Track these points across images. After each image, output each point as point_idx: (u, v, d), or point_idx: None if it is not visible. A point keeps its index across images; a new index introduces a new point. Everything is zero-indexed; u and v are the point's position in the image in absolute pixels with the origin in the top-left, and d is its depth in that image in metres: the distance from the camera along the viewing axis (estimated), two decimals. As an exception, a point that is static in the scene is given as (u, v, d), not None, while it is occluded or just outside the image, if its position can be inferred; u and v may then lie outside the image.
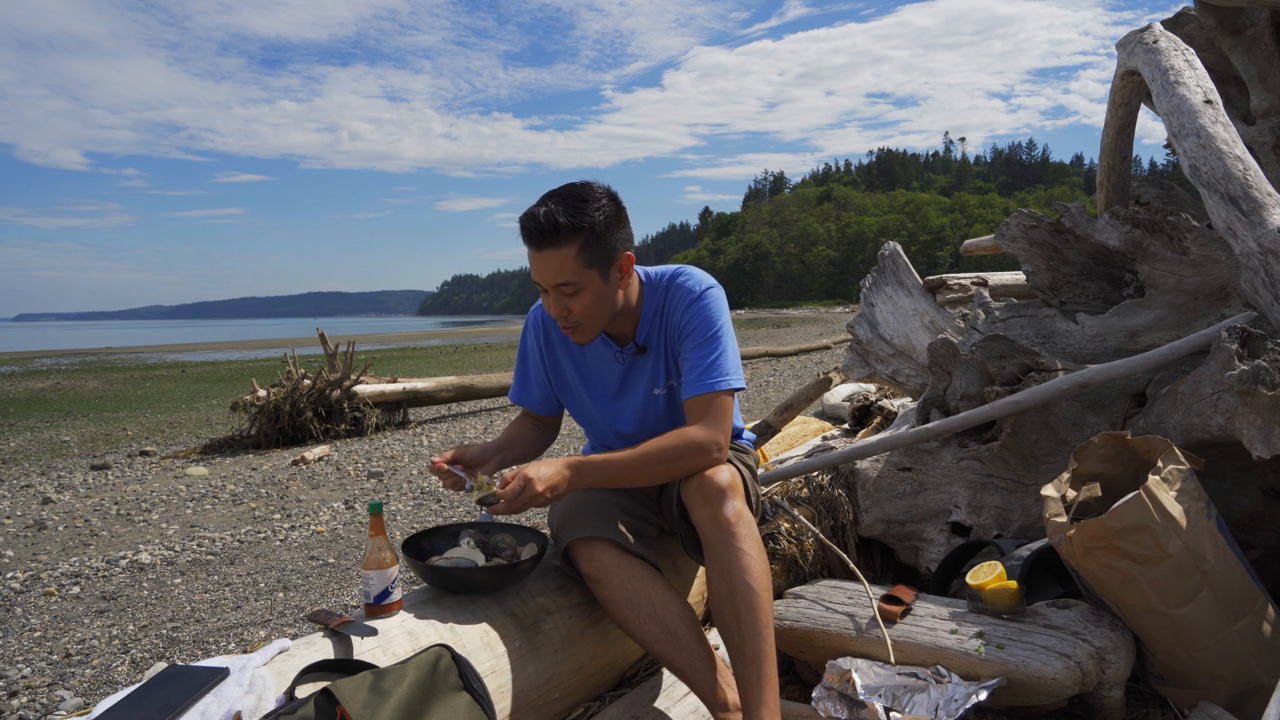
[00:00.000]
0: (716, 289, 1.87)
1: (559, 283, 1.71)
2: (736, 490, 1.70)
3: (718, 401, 1.74)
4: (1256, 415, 1.71)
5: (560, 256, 1.68)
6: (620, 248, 1.75)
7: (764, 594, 1.62)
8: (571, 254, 1.68)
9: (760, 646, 1.58)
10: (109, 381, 17.48)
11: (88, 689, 2.63)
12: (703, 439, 1.70)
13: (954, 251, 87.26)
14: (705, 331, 1.80)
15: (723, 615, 1.63)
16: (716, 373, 1.76)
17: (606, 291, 1.76)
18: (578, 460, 1.68)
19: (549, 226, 1.66)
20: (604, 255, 1.72)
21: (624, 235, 1.76)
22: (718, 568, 1.64)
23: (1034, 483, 2.21)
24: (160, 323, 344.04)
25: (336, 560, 3.99)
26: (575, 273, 1.70)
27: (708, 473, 1.70)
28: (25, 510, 5.55)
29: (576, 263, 1.69)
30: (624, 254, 1.76)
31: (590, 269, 1.71)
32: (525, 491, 1.60)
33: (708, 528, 1.66)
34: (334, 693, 1.23)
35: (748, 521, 1.67)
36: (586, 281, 1.72)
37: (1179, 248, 2.20)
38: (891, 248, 3.41)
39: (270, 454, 7.55)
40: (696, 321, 1.81)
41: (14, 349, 38.75)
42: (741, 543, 1.63)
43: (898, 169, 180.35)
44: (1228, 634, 1.63)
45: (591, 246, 1.69)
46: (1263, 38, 2.96)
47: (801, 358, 15.76)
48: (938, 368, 2.50)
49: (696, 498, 1.70)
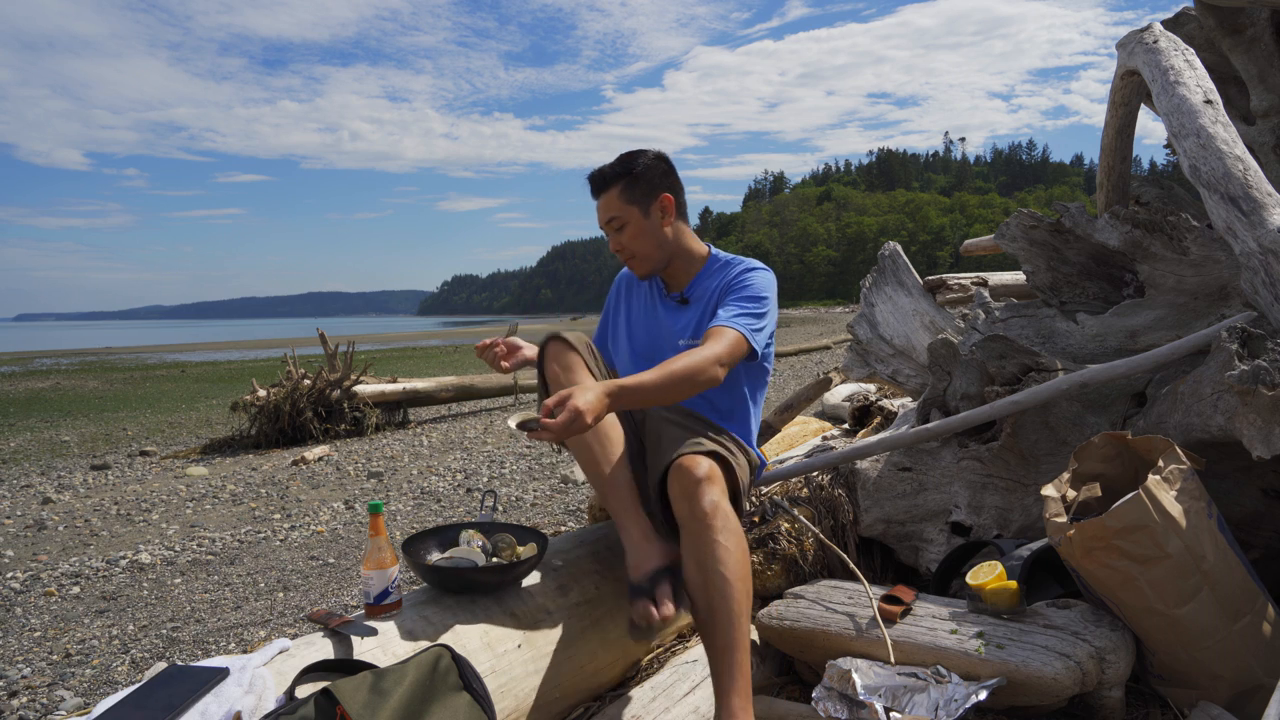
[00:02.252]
0: (773, 275, 2.11)
1: (607, 219, 2.05)
2: (714, 480, 1.71)
3: (732, 339, 1.88)
4: (1256, 415, 1.71)
5: (608, 198, 2.04)
6: (659, 190, 2.05)
7: (738, 584, 1.62)
8: (615, 194, 2.03)
9: (733, 635, 1.59)
10: (109, 381, 17.48)
11: (88, 689, 2.63)
12: (706, 355, 1.82)
13: (954, 251, 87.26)
14: (750, 293, 2.01)
15: (696, 604, 1.65)
16: (744, 320, 1.94)
17: (649, 226, 2.05)
18: (614, 385, 1.69)
19: (599, 176, 2.05)
20: (642, 194, 2.03)
21: (665, 182, 2.06)
22: (693, 558, 1.66)
23: (1034, 483, 2.21)
24: (160, 323, 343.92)
25: (336, 560, 3.99)
26: (619, 209, 2.03)
27: (685, 464, 1.72)
28: (25, 510, 5.55)
29: (619, 201, 2.03)
30: (662, 194, 2.06)
31: (631, 205, 2.03)
32: (576, 422, 1.59)
33: (685, 519, 1.68)
34: (334, 693, 1.23)
35: (725, 513, 1.67)
36: (629, 216, 2.03)
37: (1179, 248, 2.20)
38: (891, 248, 3.41)
39: (270, 454, 7.55)
40: (748, 284, 2.02)
41: (14, 349, 38.74)
42: (718, 534, 1.64)
43: (898, 169, 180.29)
44: (1228, 634, 1.63)
45: (631, 187, 2.02)
46: (1263, 38, 2.96)
47: (801, 358, 15.75)
48: (938, 368, 2.50)
49: (675, 489, 1.72)
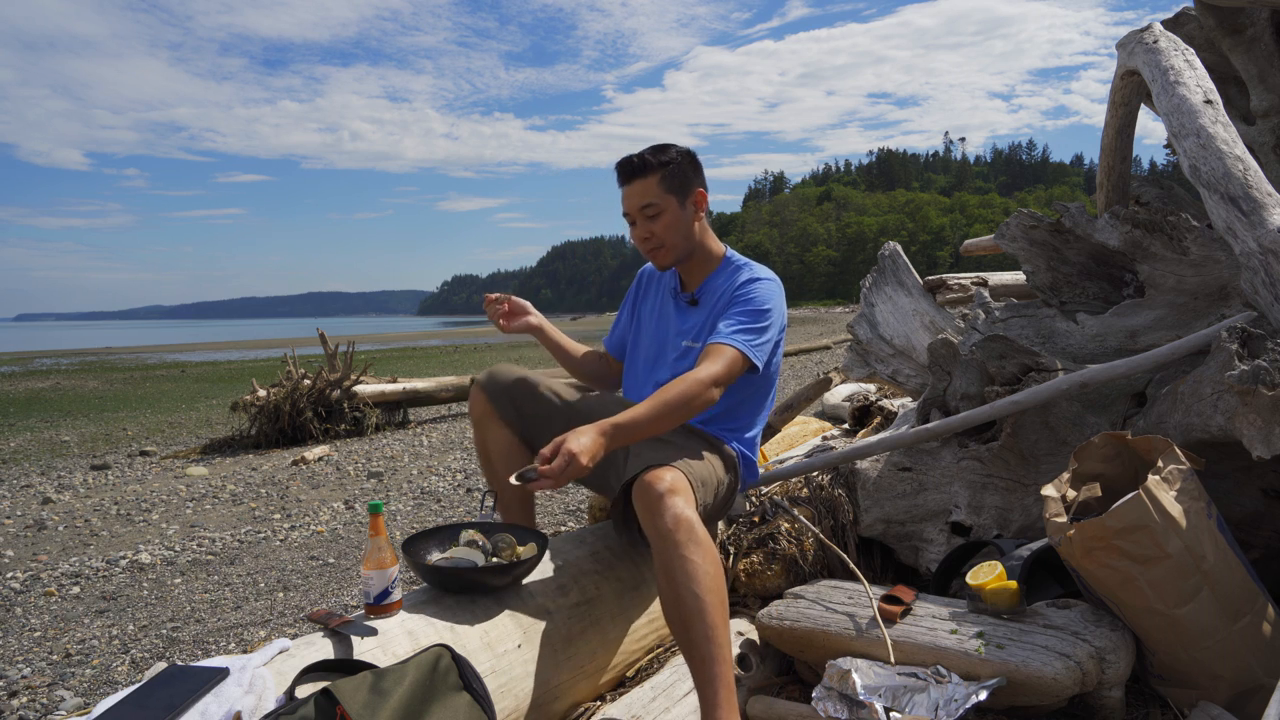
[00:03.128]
0: (780, 287, 2.09)
1: (644, 204, 2.03)
2: (676, 492, 1.66)
3: (730, 356, 1.88)
4: (1256, 415, 1.71)
5: (645, 184, 2.03)
6: (695, 184, 2.07)
7: (708, 596, 1.59)
8: (654, 181, 2.02)
9: (710, 650, 1.57)
10: (109, 381, 17.47)
11: (88, 689, 2.62)
12: (698, 377, 1.82)
13: (954, 251, 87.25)
14: (753, 306, 1.99)
15: (672, 621, 1.63)
16: (744, 336, 1.92)
17: (683, 217, 2.06)
18: (609, 424, 1.71)
19: (639, 162, 2.03)
20: (681, 185, 2.04)
21: (699, 178, 2.08)
22: (664, 574, 1.63)
23: (1034, 483, 2.21)
24: (160, 323, 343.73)
25: (336, 560, 3.99)
26: (657, 195, 2.03)
27: (648, 478, 1.69)
28: (25, 510, 5.55)
29: (659, 188, 2.02)
30: (699, 189, 2.08)
31: (670, 194, 2.03)
32: (571, 466, 1.61)
33: (651, 535, 1.66)
34: (334, 693, 1.23)
35: (688, 525, 1.62)
36: (666, 204, 2.03)
37: (1179, 248, 2.20)
38: (891, 248, 3.41)
39: (270, 454, 7.55)
40: (752, 296, 2.01)
41: (14, 349, 38.73)
42: (683, 548, 1.60)
43: (898, 169, 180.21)
44: (1228, 634, 1.63)
45: (671, 176, 2.03)
46: (1263, 38, 2.95)
47: (801, 358, 15.75)
48: (938, 368, 2.50)
49: (639, 505, 1.69)
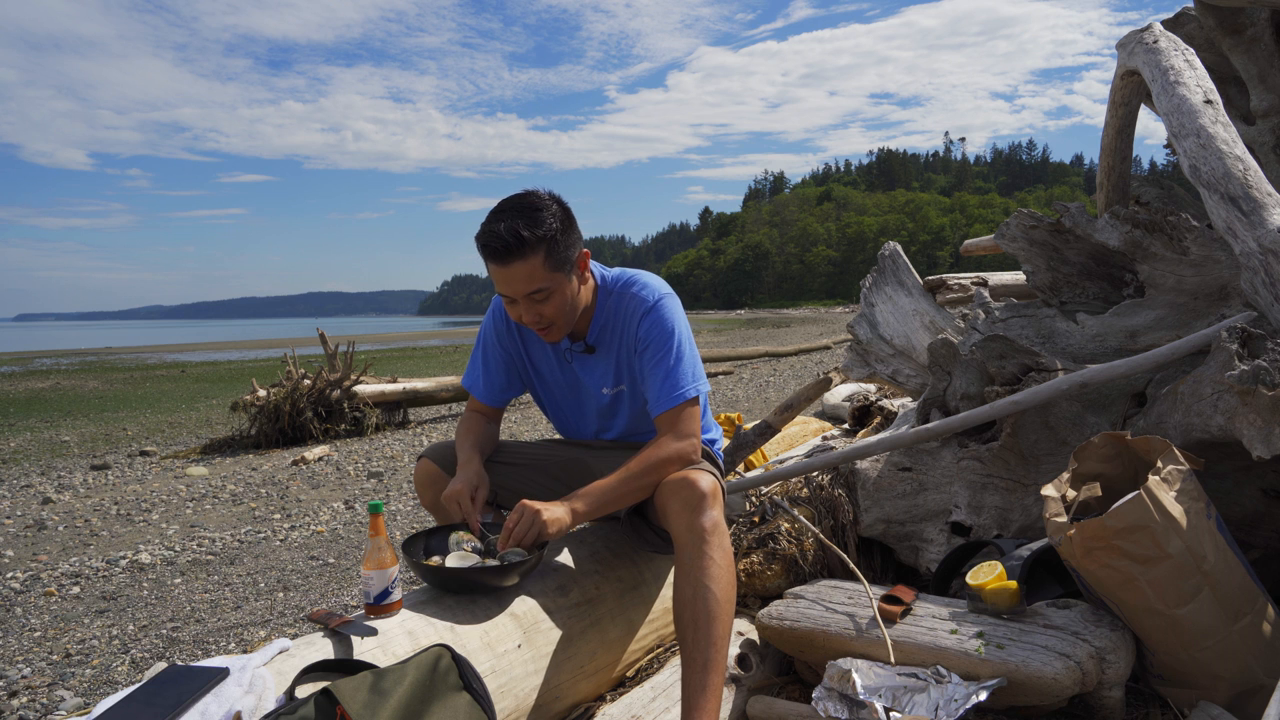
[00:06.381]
0: (670, 298, 1.93)
1: (531, 290, 1.76)
2: (716, 499, 1.71)
3: (685, 411, 1.84)
4: (1256, 415, 1.71)
5: (529, 267, 1.73)
6: (577, 247, 1.83)
7: (725, 604, 1.63)
8: (539, 262, 1.73)
9: (711, 655, 1.59)
10: (109, 381, 17.47)
11: (88, 689, 2.62)
12: (676, 449, 1.80)
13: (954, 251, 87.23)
14: (662, 344, 1.86)
15: (682, 618, 1.64)
16: (678, 384, 1.84)
17: (573, 289, 1.84)
18: (576, 496, 1.75)
19: (514, 241, 1.70)
20: (566, 257, 1.79)
21: (577, 235, 1.83)
22: (686, 573, 1.66)
23: (1034, 483, 2.21)
24: (160, 323, 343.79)
25: (336, 560, 3.99)
26: (546, 278, 1.76)
27: (690, 476, 1.72)
28: (25, 510, 5.55)
29: (545, 269, 1.75)
30: (581, 252, 1.85)
31: (557, 272, 1.77)
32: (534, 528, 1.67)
33: (683, 533, 1.68)
34: (334, 693, 1.23)
35: (723, 532, 1.69)
36: (557, 284, 1.78)
37: (1179, 248, 2.20)
38: (891, 248, 3.41)
39: (270, 454, 7.55)
40: (654, 334, 1.87)
41: (14, 349, 38.74)
42: (714, 551, 1.65)
43: (898, 169, 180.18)
44: (1228, 634, 1.63)
45: (555, 252, 1.75)
46: (1263, 38, 2.95)
47: (801, 358, 15.75)
48: (938, 368, 2.50)
49: (675, 502, 1.71)
